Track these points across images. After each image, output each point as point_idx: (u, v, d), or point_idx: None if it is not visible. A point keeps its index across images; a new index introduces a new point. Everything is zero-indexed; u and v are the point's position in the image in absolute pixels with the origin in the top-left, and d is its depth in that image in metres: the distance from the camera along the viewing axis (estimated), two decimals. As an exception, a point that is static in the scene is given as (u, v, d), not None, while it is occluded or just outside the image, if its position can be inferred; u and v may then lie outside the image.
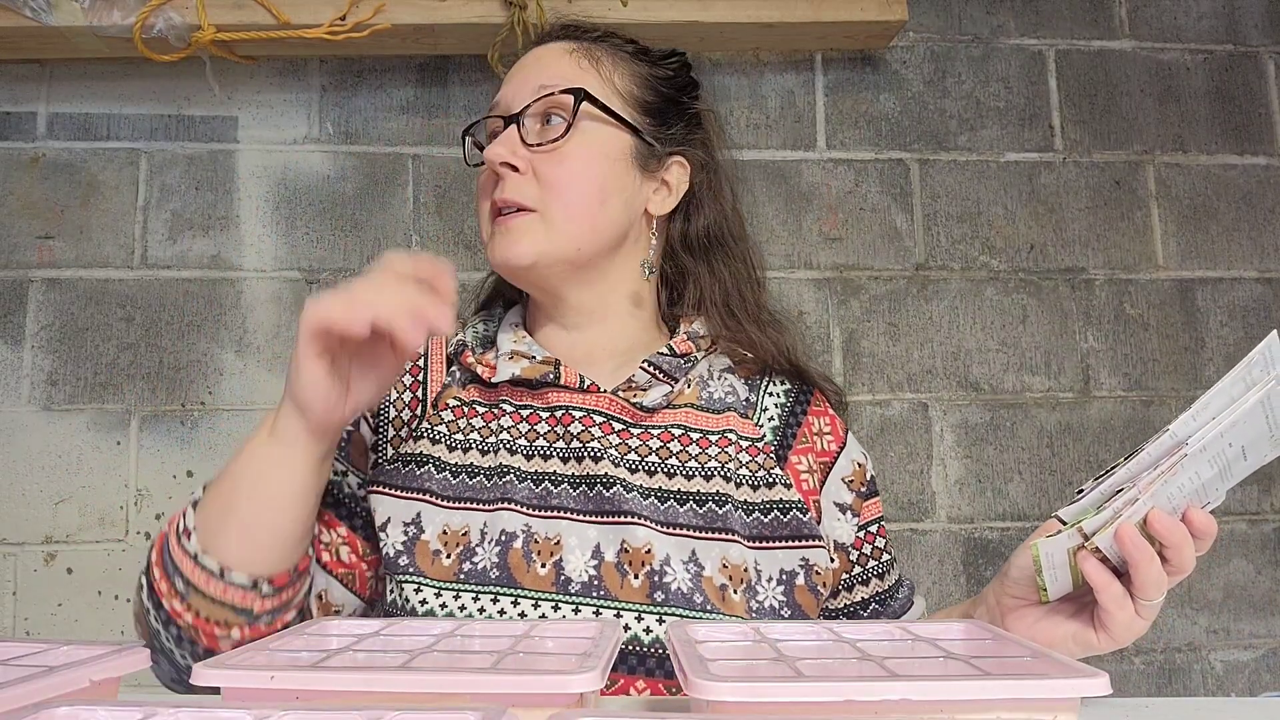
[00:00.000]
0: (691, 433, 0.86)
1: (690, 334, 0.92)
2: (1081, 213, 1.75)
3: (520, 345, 0.90)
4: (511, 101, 0.89)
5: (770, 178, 1.72)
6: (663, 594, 0.77)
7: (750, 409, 0.91)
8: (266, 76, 1.67)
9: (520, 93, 0.88)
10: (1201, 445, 0.62)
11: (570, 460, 0.83)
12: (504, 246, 0.85)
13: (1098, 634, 0.68)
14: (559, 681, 0.45)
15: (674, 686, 0.76)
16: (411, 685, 0.45)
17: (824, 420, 0.94)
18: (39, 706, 0.40)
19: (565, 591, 0.77)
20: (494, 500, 0.81)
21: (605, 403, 0.86)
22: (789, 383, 0.95)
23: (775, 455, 0.88)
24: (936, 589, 1.63)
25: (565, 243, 0.85)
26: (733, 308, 0.95)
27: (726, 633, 0.58)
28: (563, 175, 0.85)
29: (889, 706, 0.43)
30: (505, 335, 0.92)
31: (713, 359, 0.93)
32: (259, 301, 1.63)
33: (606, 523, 0.80)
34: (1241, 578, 1.67)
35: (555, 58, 0.90)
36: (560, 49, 0.91)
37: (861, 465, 0.94)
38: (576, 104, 0.86)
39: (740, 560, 0.80)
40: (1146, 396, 1.71)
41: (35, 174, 1.63)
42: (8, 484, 1.55)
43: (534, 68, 0.90)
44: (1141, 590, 0.65)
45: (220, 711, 0.40)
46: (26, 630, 1.53)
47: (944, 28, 1.78)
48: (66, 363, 1.59)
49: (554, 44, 0.93)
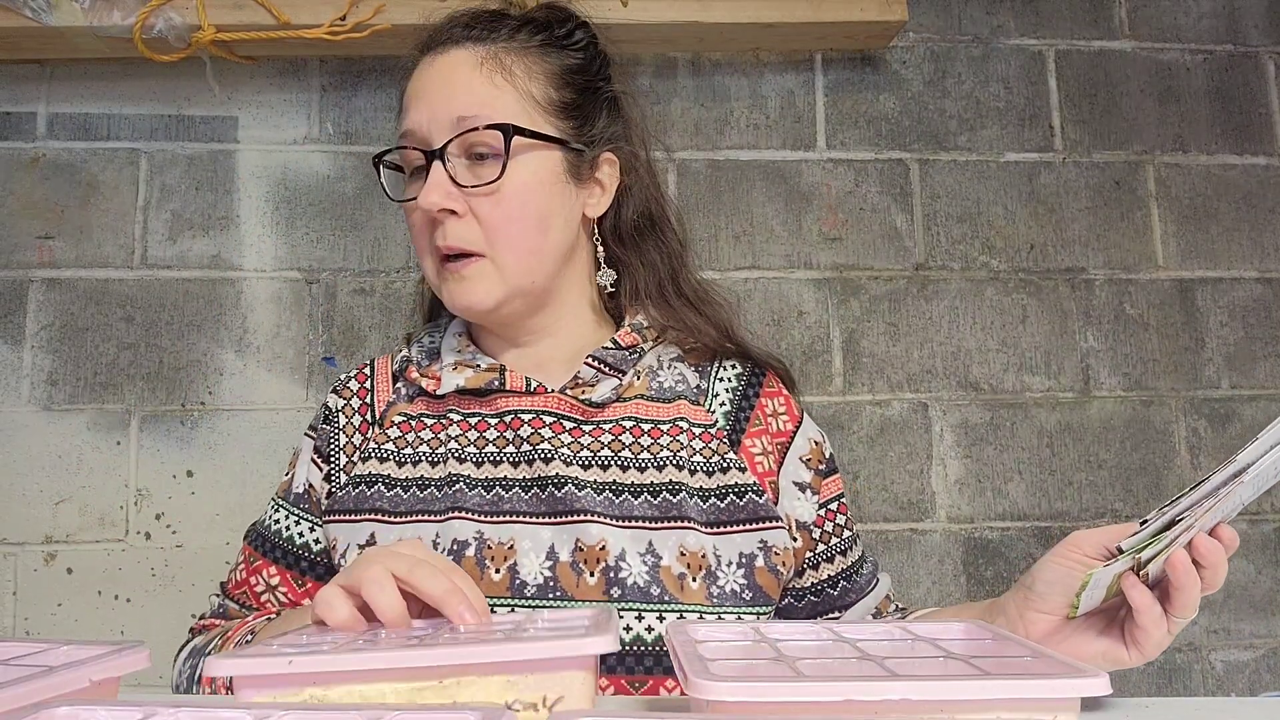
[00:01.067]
0: (643, 424, 0.86)
1: (635, 326, 0.92)
2: (1081, 213, 1.75)
3: (464, 355, 0.90)
4: (428, 132, 0.83)
5: (770, 178, 1.72)
6: (619, 589, 0.77)
7: (701, 395, 0.91)
8: (266, 76, 1.67)
9: (436, 121, 0.83)
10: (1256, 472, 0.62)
11: (521, 464, 0.83)
12: (461, 294, 0.84)
13: (1129, 650, 0.69)
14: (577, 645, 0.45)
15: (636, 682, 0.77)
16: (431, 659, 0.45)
17: (778, 401, 0.93)
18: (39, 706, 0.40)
19: (521, 595, 0.78)
20: (444, 510, 0.81)
21: (554, 402, 0.86)
22: (739, 366, 0.95)
23: (728, 439, 0.88)
24: (936, 589, 1.63)
25: (518, 280, 0.85)
26: (667, 295, 0.95)
27: (726, 633, 0.58)
28: (503, 216, 0.83)
29: (889, 706, 0.43)
30: (449, 345, 0.92)
31: (661, 349, 0.93)
32: (259, 301, 1.63)
33: (559, 523, 0.80)
34: (1241, 578, 1.67)
35: (466, 75, 0.84)
36: (467, 60, 0.85)
37: (818, 443, 0.94)
38: (507, 141, 0.82)
39: (698, 547, 0.80)
40: (1146, 396, 1.71)
41: (35, 174, 1.63)
42: (8, 484, 1.55)
43: (443, 90, 0.84)
44: (1181, 610, 0.66)
45: (221, 711, 0.40)
46: (26, 630, 1.53)
47: (944, 28, 1.78)
48: (66, 363, 1.59)
49: (457, 51, 0.86)
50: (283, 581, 0.91)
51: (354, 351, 1.63)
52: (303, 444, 0.95)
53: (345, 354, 1.63)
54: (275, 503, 0.94)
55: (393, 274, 1.65)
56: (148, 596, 1.55)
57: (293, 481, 0.93)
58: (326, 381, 1.62)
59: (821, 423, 1.66)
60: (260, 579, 0.91)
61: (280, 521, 0.92)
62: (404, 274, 1.65)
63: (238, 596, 0.92)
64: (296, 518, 0.91)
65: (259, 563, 0.92)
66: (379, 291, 1.65)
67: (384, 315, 1.64)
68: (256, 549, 0.93)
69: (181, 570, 1.56)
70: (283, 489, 0.95)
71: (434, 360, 0.93)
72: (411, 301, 1.64)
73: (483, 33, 0.87)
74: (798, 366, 1.66)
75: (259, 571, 0.91)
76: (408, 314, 1.64)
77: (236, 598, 0.92)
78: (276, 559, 0.91)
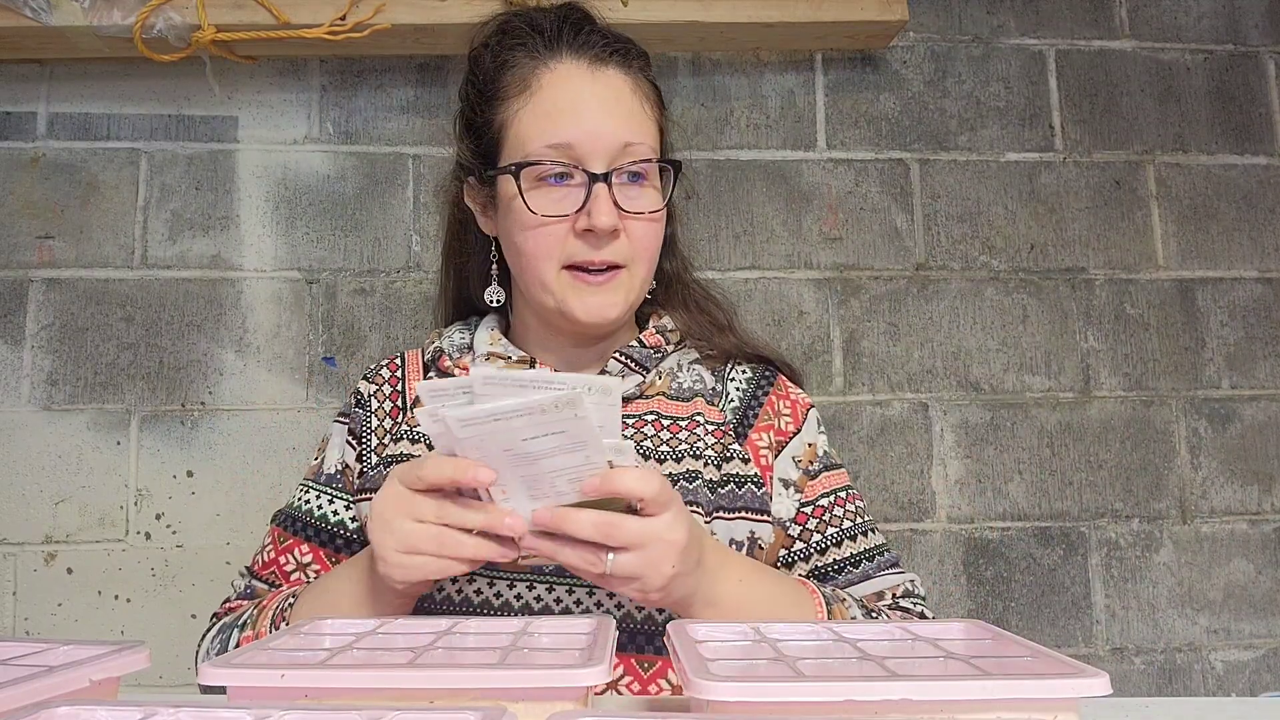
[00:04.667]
0: (663, 419, 0.91)
1: (660, 328, 0.98)
2: (1082, 213, 1.75)
3: (496, 346, 0.96)
4: (590, 150, 0.87)
5: (770, 178, 1.72)
6: None
7: (716, 396, 0.97)
8: (266, 76, 1.67)
9: (603, 141, 0.87)
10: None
11: None
12: (601, 306, 0.89)
13: None
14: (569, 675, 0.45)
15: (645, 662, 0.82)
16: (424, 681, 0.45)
17: (785, 403, 0.99)
18: (39, 706, 0.40)
19: (540, 571, 0.83)
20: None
21: None
22: (750, 370, 1.01)
23: (735, 433, 0.93)
24: (937, 589, 1.63)
25: (640, 292, 0.93)
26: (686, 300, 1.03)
27: (727, 632, 0.58)
28: (652, 237, 0.92)
29: (889, 706, 0.43)
30: (481, 337, 0.98)
31: (681, 354, 0.99)
32: (259, 301, 1.63)
33: None
34: (1241, 578, 1.67)
35: (628, 102, 0.90)
36: (625, 85, 0.91)
37: (813, 445, 0.97)
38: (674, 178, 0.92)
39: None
40: (1146, 396, 1.71)
41: (35, 174, 1.63)
42: (8, 484, 1.55)
43: (607, 113, 0.88)
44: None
45: (221, 711, 0.40)
46: (26, 630, 1.53)
47: (944, 28, 1.78)
48: (66, 363, 1.59)
49: (614, 73, 0.90)
50: (315, 559, 0.94)
51: (354, 351, 1.63)
52: (332, 430, 0.99)
53: (345, 354, 1.63)
54: (305, 485, 0.98)
55: (393, 274, 1.65)
56: (148, 596, 1.55)
57: (323, 464, 0.98)
58: (326, 381, 1.62)
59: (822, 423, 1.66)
60: (290, 558, 0.94)
61: (310, 502, 0.96)
62: (404, 274, 1.65)
63: (266, 576, 0.94)
64: (330, 496, 0.95)
65: (289, 542, 0.94)
66: (379, 291, 1.65)
67: (384, 315, 1.64)
68: (287, 529, 0.96)
69: (181, 570, 1.56)
70: (311, 473, 0.99)
71: (465, 354, 0.98)
72: (412, 301, 1.65)
73: (628, 57, 0.93)
74: (798, 366, 1.65)
75: (289, 551, 0.94)
76: (408, 314, 1.64)
77: (265, 578, 0.95)
78: (309, 537, 0.94)
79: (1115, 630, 1.64)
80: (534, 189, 0.88)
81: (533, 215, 0.87)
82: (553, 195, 0.87)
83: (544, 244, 0.88)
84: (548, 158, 0.87)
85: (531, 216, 0.87)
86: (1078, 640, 1.63)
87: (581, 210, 0.86)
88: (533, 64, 0.90)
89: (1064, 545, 1.66)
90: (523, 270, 0.91)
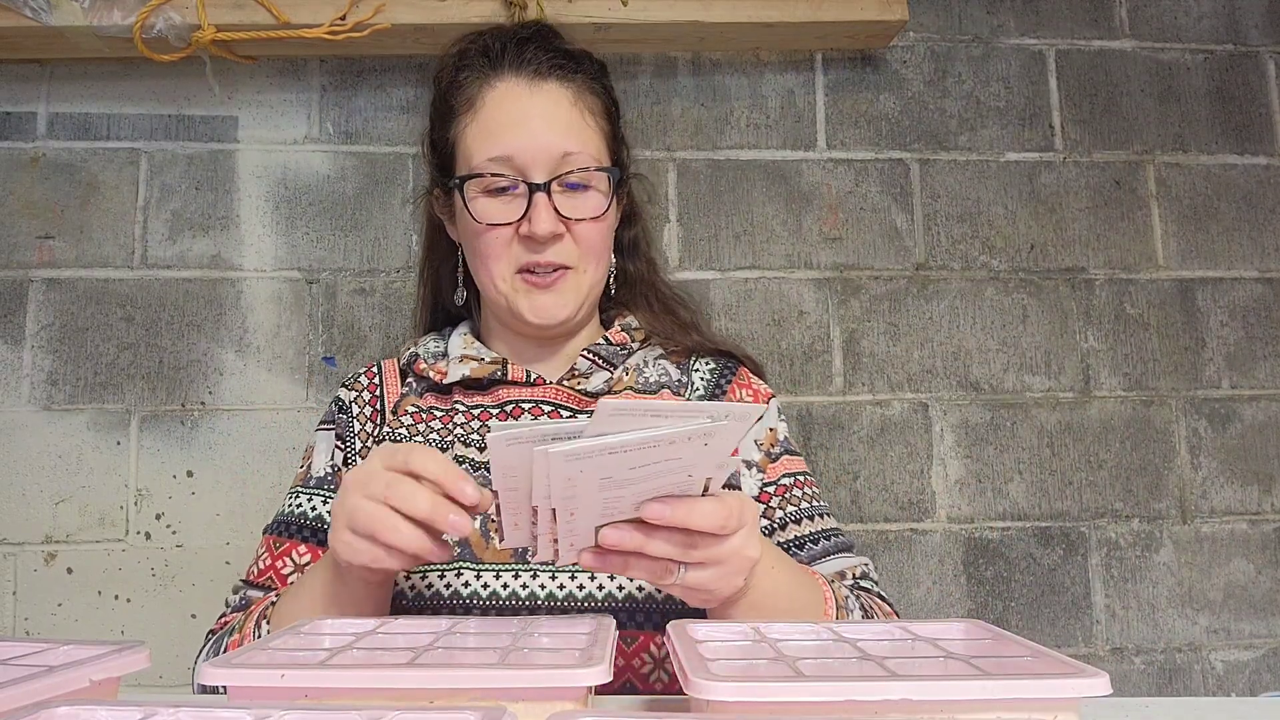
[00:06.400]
0: None
1: (625, 326, 1.04)
2: (1081, 213, 1.75)
3: (470, 349, 1.01)
4: (528, 162, 0.92)
5: (770, 178, 1.72)
6: None
7: (682, 387, 1.01)
8: (266, 76, 1.67)
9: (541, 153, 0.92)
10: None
11: None
12: (549, 307, 0.95)
13: None
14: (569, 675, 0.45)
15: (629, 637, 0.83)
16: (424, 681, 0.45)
17: (747, 392, 1.04)
18: (39, 706, 0.40)
19: (523, 560, 0.85)
20: None
21: (552, 393, 0.97)
22: (713, 361, 1.06)
23: None
24: (937, 589, 1.63)
25: (592, 292, 0.99)
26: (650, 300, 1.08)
27: (726, 632, 0.58)
28: (598, 239, 0.97)
29: (889, 706, 0.43)
30: (455, 342, 1.03)
31: (646, 351, 1.04)
32: (259, 301, 1.63)
33: None
34: (1241, 578, 1.67)
35: (566, 114, 0.95)
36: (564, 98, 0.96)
37: (774, 430, 1.02)
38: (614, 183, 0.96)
39: None
40: (1147, 396, 1.71)
41: (35, 174, 1.63)
42: (8, 484, 1.55)
43: (546, 125, 0.94)
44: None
45: (221, 711, 0.40)
46: (26, 630, 1.53)
47: (944, 27, 1.78)
48: (66, 363, 1.59)
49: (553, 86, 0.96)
50: (314, 558, 0.94)
51: (354, 351, 1.63)
52: (317, 438, 1.02)
53: (345, 354, 1.63)
54: (295, 492, 0.99)
55: (393, 274, 1.65)
56: (148, 596, 1.55)
57: (311, 469, 1.00)
58: (326, 381, 1.62)
59: (822, 423, 1.67)
60: (288, 560, 0.95)
61: (302, 506, 0.97)
62: (404, 274, 1.65)
63: (262, 583, 0.95)
64: (323, 498, 0.97)
65: (285, 545, 0.95)
66: (379, 291, 1.65)
67: (384, 315, 1.64)
68: (281, 535, 0.97)
69: (181, 570, 1.56)
70: (300, 479, 1.00)
71: (440, 360, 1.02)
72: (412, 301, 1.64)
73: (568, 71, 0.98)
74: (798, 366, 1.66)
75: (286, 554, 0.95)
76: (408, 314, 1.64)
77: (261, 584, 0.95)
78: (305, 538, 0.95)
79: (1115, 630, 1.64)
80: (481, 199, 0.94)
81: (478, 224, 0.94)
82: (497, 204, 0.94)
83: (493, 249, 0.95)
84: (489, 170, 0.93)
85: (477, 225, 0.94)
86: (1078, 640, 1.63)
87: (524, 218, 0.92)
88: (478, 83, 0.97)
89: (1064, 545, 1.66)
90: (479, 274, 0.98)
